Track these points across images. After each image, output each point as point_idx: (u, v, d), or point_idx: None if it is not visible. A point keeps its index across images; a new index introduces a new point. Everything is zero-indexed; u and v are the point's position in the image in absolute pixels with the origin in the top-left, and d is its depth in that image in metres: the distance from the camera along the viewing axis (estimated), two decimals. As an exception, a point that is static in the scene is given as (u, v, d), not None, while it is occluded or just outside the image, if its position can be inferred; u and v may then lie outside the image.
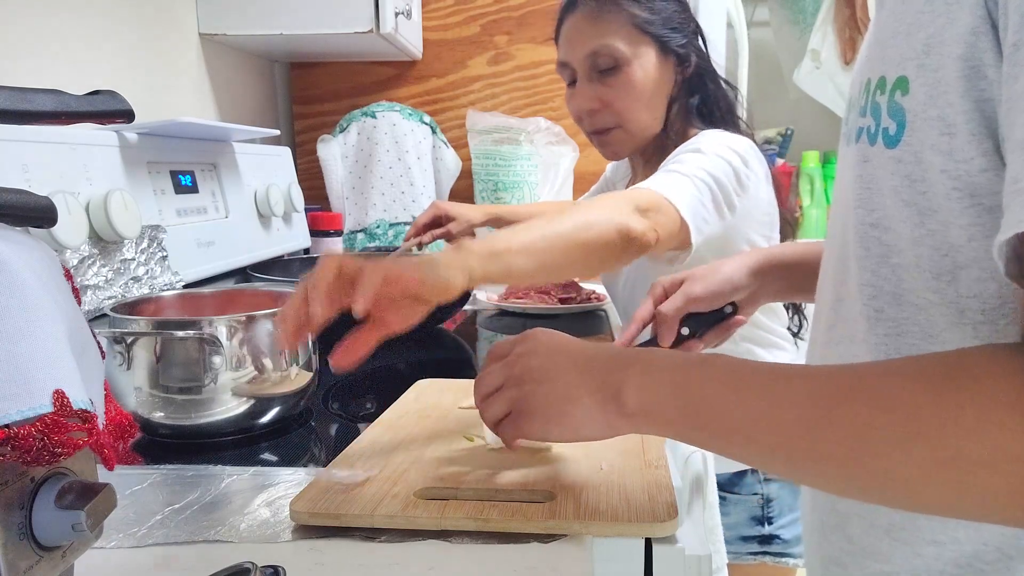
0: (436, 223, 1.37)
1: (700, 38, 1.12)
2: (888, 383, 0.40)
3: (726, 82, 1.15)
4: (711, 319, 0.80)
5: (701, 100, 1.12)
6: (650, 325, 0.81)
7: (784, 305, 1.17)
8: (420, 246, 1.37)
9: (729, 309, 0.81)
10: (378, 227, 1.83)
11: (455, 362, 1.16)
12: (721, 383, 0.47)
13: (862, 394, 0.41)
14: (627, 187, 1.23)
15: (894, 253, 0.48)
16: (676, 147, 1.05)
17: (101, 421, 0.38)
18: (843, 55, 2.06)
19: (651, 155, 1.16)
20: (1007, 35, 0.39)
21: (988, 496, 0.37)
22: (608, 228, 0.82)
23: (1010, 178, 0.38)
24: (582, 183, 1.87)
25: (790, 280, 0.83)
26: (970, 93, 0.42)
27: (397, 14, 1.57)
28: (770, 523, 1.15)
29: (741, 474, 1.14)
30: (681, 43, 1.09)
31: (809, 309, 1.14)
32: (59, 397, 0.34)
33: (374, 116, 1.82)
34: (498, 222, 1.42)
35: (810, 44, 2.07)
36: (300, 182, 1.67)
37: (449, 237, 1.35)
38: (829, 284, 0.57)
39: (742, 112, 1.16)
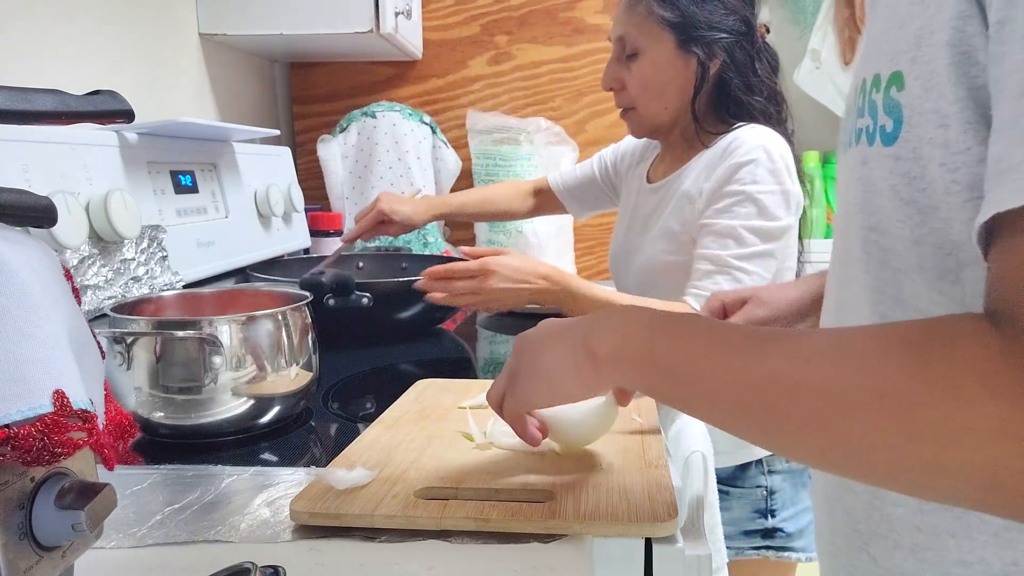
0: (375, 222, 1.39)
1: (746, 39, 1.13)
2: (866, 347, 0.39)
3: (772, 87, 1.17)
4: None
5: (729, 96, 1.15)
6: None
7: None
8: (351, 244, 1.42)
9: None
10: (378, 227, 1.83)
11: (455, 362, 1.16)
12: (696, 336, 0.46)
13: (839, 356, 0.40)
14: (651, 175, 1.27)
15: (893, 256, 0.47)
16: (705, 137, 1.14)
17: (101, 421, 0.38)
18: (843, 55, 2.06)
19: (677, 143, 1.21)
20: (991, 13, 0.38)
21: (943, 470, 0.36)
22: None
23: (992, 157, 0.37)
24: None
25: None
26: (962, 81, 0.41)
27: (397, 14, 1.57)
28: (773, 516, 1.15)
29: (744, 467, 1.14)
30: (706, 42, 1.11)
31: None
32: (59, 397, 0.34)
33: (374, 116, 1.82)
34: (446, 216, 1.48)
35: (810, 44, 2.07)
36: (300, 182, 1.67)
37: (386, 235, 1.43)
38: (834, 289, 0.56)
39: (783, 109, 1.19)
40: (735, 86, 1.14)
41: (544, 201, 1.53)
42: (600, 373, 0.51)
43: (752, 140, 1.09)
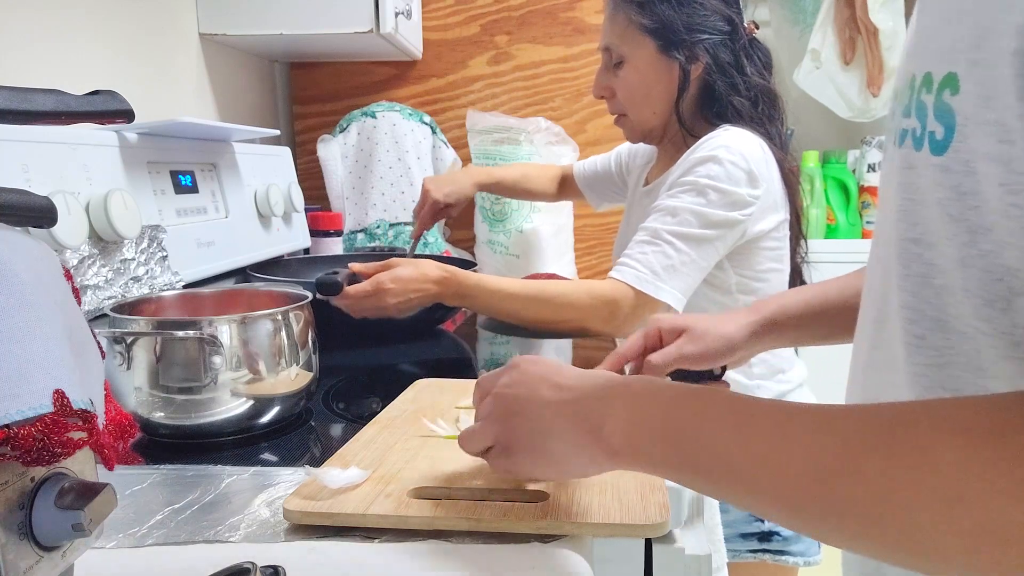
0: (433, 210, 1.48)
1: (730, 38, 1.14)
2: (922, 435, 0.35)
3: (763, 85, 1.17)
4: (697, 377, 0.80)
5: (715, 98, 1.15)
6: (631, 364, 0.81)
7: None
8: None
9: (718, 371, 0.81)
10: (378, 227, 1.83)
11: (454, 362, 1.16)
12: (719, 421, 0.43)
13: (890, 445, 0.35)
14: (648, 177, 1.29)
15: (938, 273, 0.42)
16: (692, 141, 1.14)
17: (101, 421, 0.38)
18: (843, 55, 2.06)
19: (668, 145, 1.23)
20: None
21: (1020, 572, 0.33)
22: (572, 329, 1.11)
23: None
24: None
25: (796, 333, 0.81)
26: None
27: (397, 14, 1.57)
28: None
29: None
30: (687, 46, 1.12)
31: None
32: (59, 397, 0.34)
33: (374, 116, 1.82)
34: (486, 188, 1.55)
35: (810, 44, 2.07)
36: (300, 182, 1.67)
37: (448, 216, 1.51)
38: (874, 300, 0.51)
39: (776, 107, 1.18)
40: (719, 87, 1.14)
41: (568, 188, 1.58)
42: (618, 463, 0.48)
43: (718, 139, 1.10)
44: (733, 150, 1.08)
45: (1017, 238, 0.37)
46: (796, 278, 1.20)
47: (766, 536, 1.15)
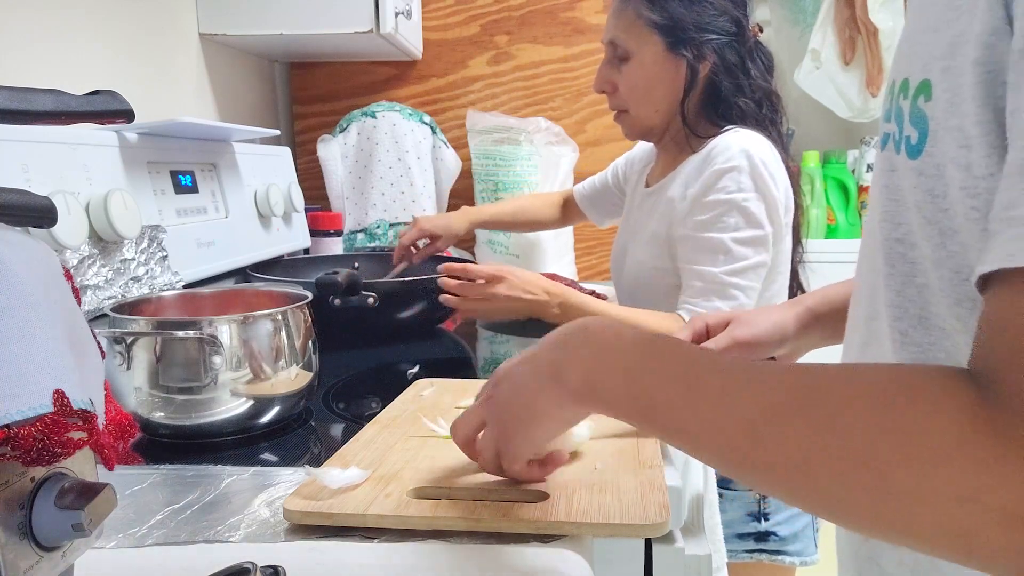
0: (422, 240, 1.46)
1: (737, 39, 1.14)
2: (837, 398, 0.38)
3: (766, 87, 1.17)
4: None
5: (715, 102, 1.15)
6: None
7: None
8: (409, 265, 1.44)
9: None
10: (378, 227, 1.83)
11: (455, 362, 1.16)
12: (673, 378, 0.45)
13: (810, 409, 0.39)
14: (648, 179, 1.28)
15: (919, 272, 0.44)
16: (696, 142, 1.14)
17: (101, 421, 0.38)
18: (843, 55, 2.06)
19: (669, 146, 1.22)
20: (1016, 40, 0.35)
21: (916, 529, 0.36)
22: None
23: (1000, 203, 0.35)
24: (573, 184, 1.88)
25: (841, 325, 0.81)
26: (988, 102, 0.37)
27: (397, 14, 1.57)
28: (766, 519, 1.15)
29: None
30: (695, 44, 1.11)
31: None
32: (59, 397, 0.34)
33: (374, 116, 1.82)
34: (483, 226, 1.55)
35: (810, 44, 2.07)
36: (300, 182, 1.67)
37: (438, 253, 1.47)
38: (864, 298, 0.53)
39: (778, 109, 1.18)
40: (725, 88, 1.14)
41: (571, 210, 1.58)
42: (579, 401, 0.50)
43: (735, 145, 1.08)
44: (752, 154, 1.07)
45: (977, 240, 0.39)
46: (793, 281, 1.20)
47: (763, 536, 1.15)
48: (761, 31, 1.19)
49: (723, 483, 1.14)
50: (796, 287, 1.21)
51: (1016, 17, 0.35)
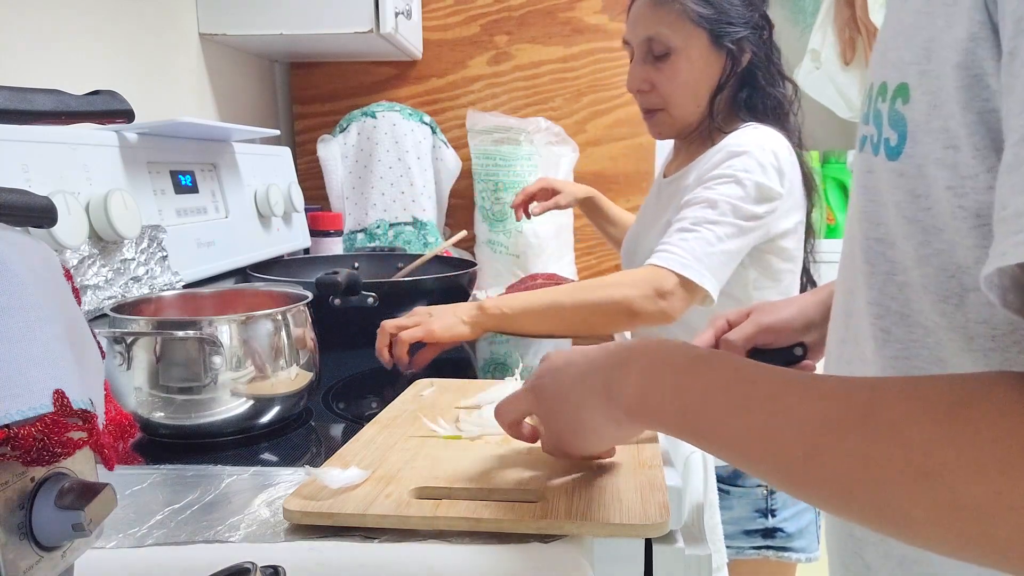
0: (544, 194, 1.47)
1: (765, 32, 1.15)
2: (897, 410, 0.37)
3: (786, 78, 1.18)
4: (779, 359, 0.74)
5: (749, 94, 1.16)
6: None
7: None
8: (528, 216, 1.48)
9: (799, 352, 0.75)
10: (378, 227, 1.83)
11: (455, 362, 1.16)
12: (723, 392, 0.45)
13: (869, 422, 0.38)
14: (666, 170, 1.28)
15: (900, 271, 0.45)
16: (720, 136, 1.14)
17: (101, 421, 0.38)
18: (843, 55, 2.06)
19: (693, 139, 1.21)
20: (1004, 41, 0.35)
21: (989, 542, 0.35)
22: (619, 312, 1.02)
23: (997, 203, 0.35)
24: (581, 183, 1.88)
25: None
26: (972, 104, 0.38)
27: (397, 14, 1.57)
28: (774, 515, 1.15)
29: None
30: (736, 37, 1.12)
31: None
32: (59, 397, 0.34)
33: (374, 116, 1.82)
34: (595, 201, 1.53)
35: (810, 44, 2.07)
36: (300, 182, 1.67)
37: (557, 208, 1.48)
38: (842, 296, 0.54)
39: (795, 109, 1.19)
40: (758, 82, 1.15)
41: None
42: (634, 421, 0.52)
43: (751, 136, 1.10)
44: (766, 147, 1.08)
45: (963, 237, 0.40)
46: (805, 276, 1.21)
47: (770, 533, 1.15)
48: (773, 27, 1.19)
49: (731, 480, 1.14)
50: (808, 283, 1.21)
51: (1001, 21, 0.36)
